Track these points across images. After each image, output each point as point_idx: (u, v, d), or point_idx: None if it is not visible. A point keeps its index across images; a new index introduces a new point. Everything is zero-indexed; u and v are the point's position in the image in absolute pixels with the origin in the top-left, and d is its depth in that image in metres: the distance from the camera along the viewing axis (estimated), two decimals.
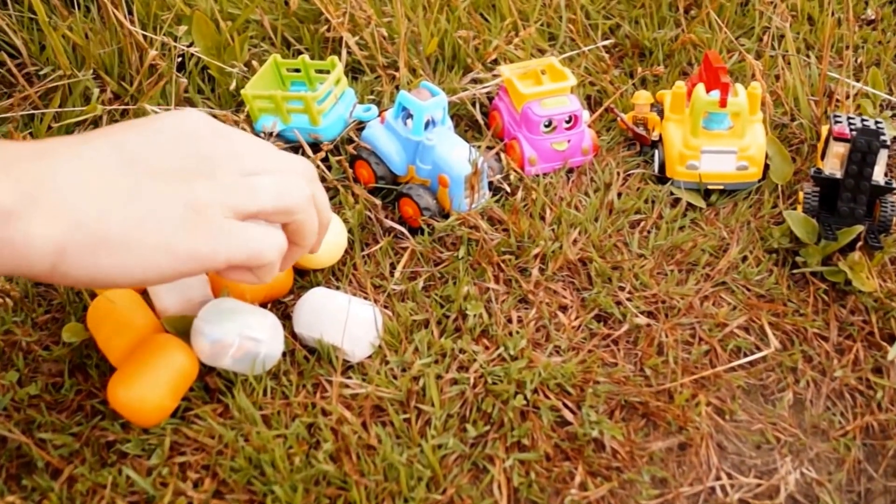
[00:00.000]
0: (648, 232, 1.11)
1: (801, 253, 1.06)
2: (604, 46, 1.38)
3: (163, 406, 0.90)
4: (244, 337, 0.91)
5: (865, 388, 0.96)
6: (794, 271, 1.06)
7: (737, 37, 1.42)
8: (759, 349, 0.99)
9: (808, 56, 1.36)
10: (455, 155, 1.09)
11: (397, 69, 1.29)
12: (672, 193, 1.16)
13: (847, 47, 1.27)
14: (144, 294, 0.99)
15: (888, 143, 1.02)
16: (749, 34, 1.42)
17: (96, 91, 1.24)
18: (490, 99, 1.28)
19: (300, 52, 1.34)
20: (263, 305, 1.00)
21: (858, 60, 1.37)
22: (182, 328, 0.95)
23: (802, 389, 0.96)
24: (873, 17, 1.46)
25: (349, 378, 0.94)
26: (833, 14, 1.40)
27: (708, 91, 1.15)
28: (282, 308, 1.02)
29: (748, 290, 1.05)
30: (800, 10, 1.43)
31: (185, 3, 1.36)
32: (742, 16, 1.45)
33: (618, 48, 1.41)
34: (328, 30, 1.33)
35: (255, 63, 1.25)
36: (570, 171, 1.20)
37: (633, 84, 1.32)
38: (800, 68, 1.29)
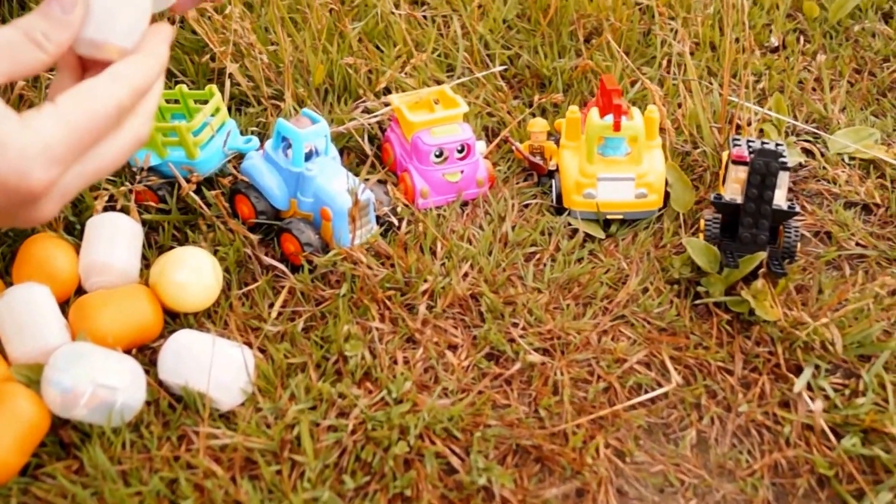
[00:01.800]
0: (544, 265, 1.05)
1: (703, 283, 1.00)
2: (502, 76, 1.33)
3: (8, 463, 0.81)
4: (98, 384, 0.83)
5: (773, 424, 0.90)
6: (697, 302, 1.01)
7: (639, 65, 1.37)
8: (660, 385, 0.93)
9: (710, 83, 1.32)
10: (337, 186, 1.03)
11: (283, 100, 1.23)
12: (569, 224, 1.10)
13: (750, 74, 1.23)
14: None
15: (788, 165, 0.97)
16: (651, 63, 1.38)
17: None
18: (382, 130, 1.22)
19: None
20: (128, 351, 0.92)
21: (762, 86, 1.33)
22: (34, 377, 0.87)
23: (706, 427, 0.90)
24: (777, 45, 1.43)
25: (217, 428, 0.86)
26: (736, 41, 1.37)
27: (602, 115, 1.10)
28: (149, 353, 0.94)
29: (648, 323, 0.99)
30: (702, 38, 1.40)
31: None
32: (644, 45, 1.41)
33: (517, 78, 1.35)
34: (212, 59, 1.26)
35: None
36: (465, 203, 1.14)
37: (532, 113, 1.27)
38: (701, 95, 1.25)
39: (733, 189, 1.01)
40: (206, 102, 1.15)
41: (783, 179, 0.98)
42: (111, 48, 0.68)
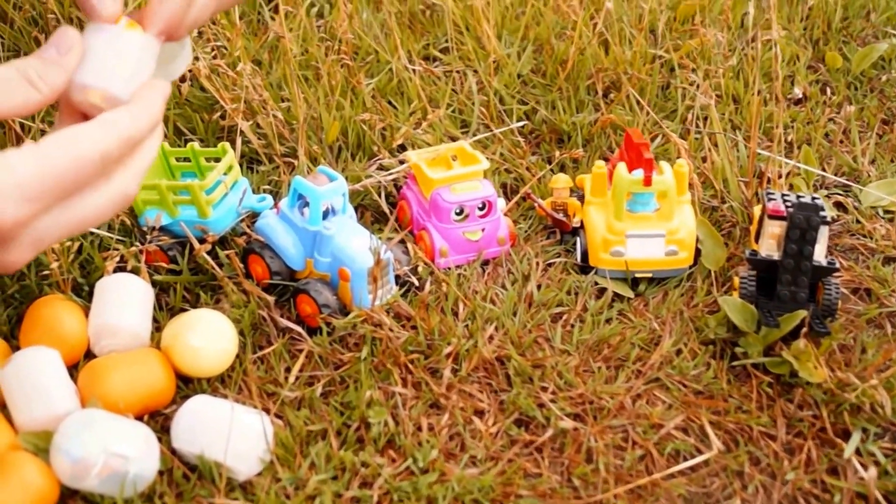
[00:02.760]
0: (572, 326, 1.01)
1: (740, 343, 0.96)
2: (520, 132, 1.30)
3: None
4: (110, 454, 0.79)
5: (821, 492, 0.85)
6: (734, 364, 0.96)
7: (659, 119, 1.34)
8: (699, 452, 0.88)
9: (735, 136, 1.28)
10: (356, 245, 0.99)
11: (297, 157, 1.19)
12: (596, 283, 1.06)
13: (776, 126, 1.20)
14: (3, 408, 0.86)
15: (828, 219, 0.93)
16: (671, 116, 1.34)
17: None
18: (398, 188, 1.18)
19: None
20: (140, 418, 0.88)
21: (789, 139, 1.30)
22: (42, 445, 0.82)
23: (751, 496, 0.85)
24: (801, 96, 1.40)
25: (234, 499, 0.82)
26: (759, 93, 1.34)
27: (630, 170, 1.06)
28: (161, 420, 0.90)
29: (684, 386, 0.94)
30: (724, 90, 1.36)
31: None
32: (664, 99, 1.38)
33: (534, 134, 1.32)
34: (223, 117, 1.22)
35: None
36: (486, 262, 1.10)
37: (552, 169, 1.24)
38: (727, 148, 1.22)
39: (769, 245, 0.97)
40: (217, 160, 1.11)
41: (823, 234, 0.94)
42: (100, 94, 0.66)
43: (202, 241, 1.01)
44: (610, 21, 1.44)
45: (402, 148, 1.24)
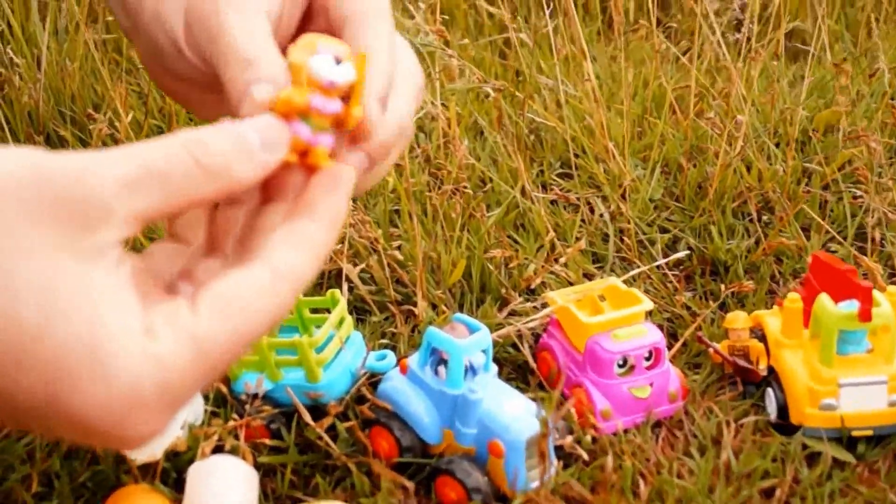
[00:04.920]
0: (787, 503, 0.80)
1: None
2: (673, 262, 1.10)
3: None
4: None
5: None
6: None
7: (824, 242, 1.15)
8: None
9: None
10: (509, 411, 0.80)
11: (414, 304, 1.00)
12: (805, 446, 0.85)
13: None
14: None
15: None
16: (842, 234, 1.15)
17: None
18: (536, 336, 0.99)
19: None
20: None
21: None
22: None
23: None
24: None
25: None
26: None
27: (836, 301, 0.86)
28: None
29: None
30: None
31: (145, 235, 1.08)
32: (823, 216, 1.18)
33: (681, 266, 1.13)
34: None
35: None
36: (657, 424, 0.89)
37: (720, 305, 1.04)
38: None
39: None
40: (325, 311, 0.94)
41: None
42: None
43: (326, 412, 0.82)
44: (747, 134, 1.26)
45: (531, 291, 1.05)
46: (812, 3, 1.81)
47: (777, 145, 1.31)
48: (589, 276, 1.09)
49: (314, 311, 0.95)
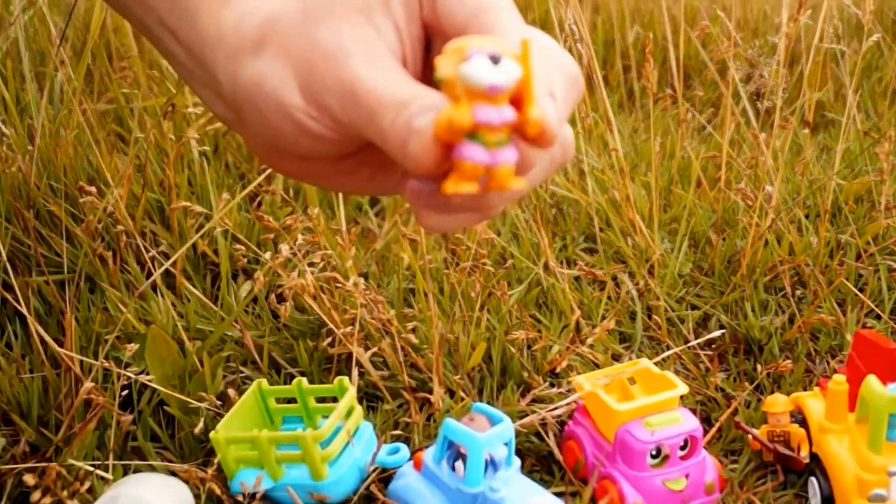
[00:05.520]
0: None
1: None
2: (707, 343, 1.04)
3: None
4: None
5: None
6: None
7: (864, 314, 1.08)
8: None
9: None
10: None
11: (430, 391, 0.94)
12: None
13: None
14: None
15: None
16: (880, 307, 1.08)
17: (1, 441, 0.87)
18: (561, 424, 0.92)
19: (294, 377, 0.97)
20: None
21: None
22: None
23: None
24: None
25: None
26: None
27: (885, 383, 0.79)
28: None
29: None
30: None
31: (138, 317, 1.01)
32: (858, 289, 1.12)
33: (714, 345, 1.06)
34: (332, 344, 0.98)
35: (231, 394, 0.89)
36: None
37: (758, 387, 0.97)
38: None
39: None
40: (332, 401, 0.87)
41: None
42: None
43: None
44: (777, 206, 1.20)
45: (555, 374, 0.98)
46: (834, 74, 1.77)
47: (807, 216, 1.25)
48: (617, 357, 1.03)
49: (320, 399, 0.89)
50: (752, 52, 1.40)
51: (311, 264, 1.01)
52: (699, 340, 1.03)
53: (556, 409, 0.90)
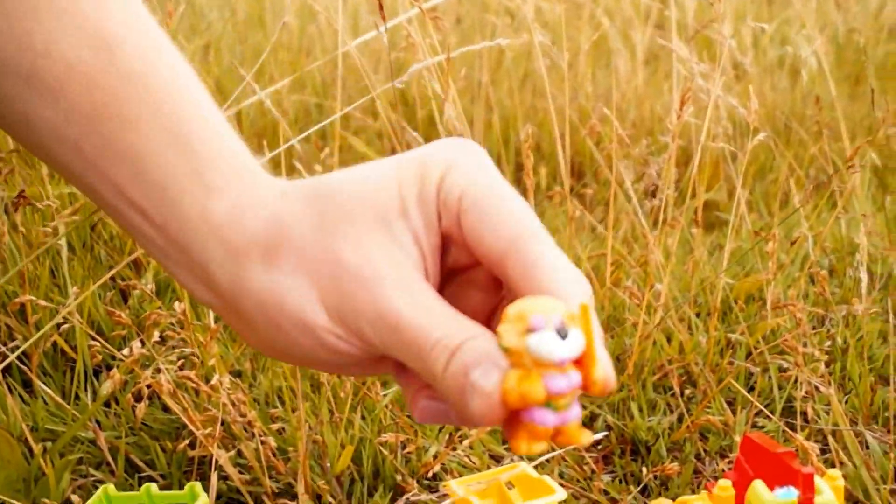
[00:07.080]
0: None
1: None
2: (593, 444, 0.99)
3: None
4: None
5: None
6: None
7: (754, 415, 1.05)
8: None
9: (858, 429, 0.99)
10: None
11: (295, 497, 0.87)
12: None
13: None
14: None
15: None
16: (769, 408, 1.05)
17: None
18: None
19: (153, 480, 0.90)
20: None
21: None
22: None
23: None
24: None
25: None
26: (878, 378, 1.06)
27: (771, 487, 0.75)
28: None
29: None
30: (837, 376, 1.08)
31: None
32: (748, 389, 1.09)
33: (599, 445, 1.02)
34: (192, 445, 0.91)
35: (75, 500, 0.82)
36: None
37: (643, 491, 0.92)
38: (860, 450, 0.92)
39: None
40: None
41: None
42: None
43: None
44: (667, 304, 1.17)
45: (433, 478, 0.93)
46: (727, 174, 1.78)
47: (698, 315, 1.23)
48: (497, 459, 0.98)
49: None
50: (639, 150, 1.39)
51: (172, 361, 0.95)
52: (598, 436, 0.99)
53: None
